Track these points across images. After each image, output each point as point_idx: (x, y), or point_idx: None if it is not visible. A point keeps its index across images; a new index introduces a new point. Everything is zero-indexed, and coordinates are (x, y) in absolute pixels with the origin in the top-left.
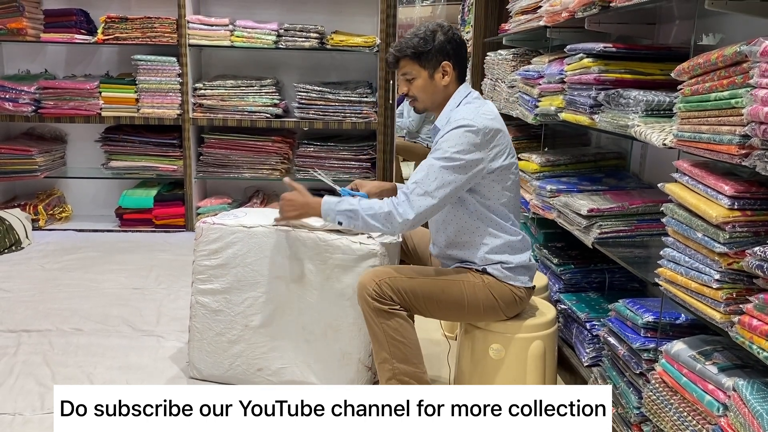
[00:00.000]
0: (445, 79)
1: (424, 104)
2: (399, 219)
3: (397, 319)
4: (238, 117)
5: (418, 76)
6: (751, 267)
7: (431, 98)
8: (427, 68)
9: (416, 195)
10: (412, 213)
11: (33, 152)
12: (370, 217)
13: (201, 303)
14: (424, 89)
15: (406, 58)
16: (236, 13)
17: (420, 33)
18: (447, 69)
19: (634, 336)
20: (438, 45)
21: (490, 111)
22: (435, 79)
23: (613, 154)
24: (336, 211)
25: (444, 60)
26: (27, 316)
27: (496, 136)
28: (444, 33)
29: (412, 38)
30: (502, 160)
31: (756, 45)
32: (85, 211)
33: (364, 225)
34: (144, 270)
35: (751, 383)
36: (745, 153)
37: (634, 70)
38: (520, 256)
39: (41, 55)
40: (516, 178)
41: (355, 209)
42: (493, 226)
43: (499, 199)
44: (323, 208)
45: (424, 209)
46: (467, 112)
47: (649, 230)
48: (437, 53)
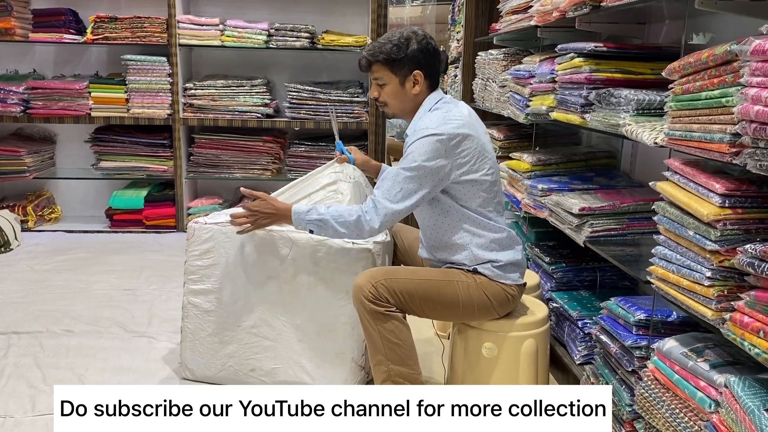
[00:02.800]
0: (416, 88)
1: (393, 110)
2: (366, 227)
3: (394, 321)
4: (229, 117)
5: (389, 82)
6: (742, 264)
7: (401, 105)
8: (398, 75)
9: (382, 204)
10: (378, 222)
11: (22, 153)
12: (340, 225)
13: (193, 303)
14: (394, 96)
15: (378, 63)
16: (226, 13)
17: (394, 39)
18: (418, 78)
19: (626, 334)
20: (411, 53)
21: (457, 116)
22: (405, 87)
23: (604, 153)
24: (306, 220)
25: (416, 69)
26: (17, 318)
27: (463, 143)
28: (418, 42)
29: (386, 43)
30: (471, 165)
31: (746, 44)
32: (75, 212)
33: (333, 233)
34: (135, 271)
35: (742, 380)
36: (736, 151)
37: (624, 70)
38: (509, 252)
39: (30, 55)
40: (493, 179)
41: (324, 218)
42: (474, 225)
43: (475, 200)
44: (294, 217)
45: (390, 217)
46: (431, 121)
47: (640, 228)
48: (409, 61)
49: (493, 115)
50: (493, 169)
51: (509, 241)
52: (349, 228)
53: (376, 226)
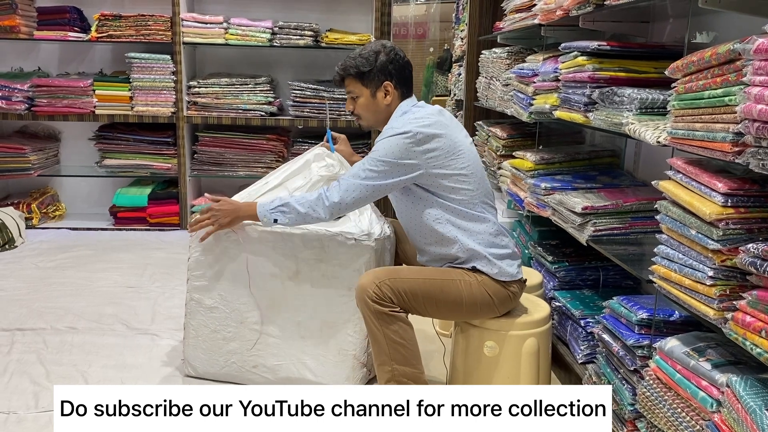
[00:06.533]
0: (387, 98)
1: (368, 122)
2: (326, 202)
3: (398, 321)
4: (233, 115)
5: (360, 94)
6: (745, 264)
7: (374, 116)
8: (369, 87)
9: (345, 180)
10: (338, 195)
11: (26, 150)
12: (300, 205)
13: (196, 300)
14: (366, 107)
15: (349, 77)
16: (230, 11)
17: (364, 53)
18: (389, 89)
19: (629, 333)
20: (380, 65)
21: (424, 116)
22: (377, 98)
23: (607, 152)
24: (269, 209)
25: (386, 80)
26: (21, 315)
27: (429, 141)
28: (386, 54)
29: (357, 58)
30: (444, 160)
31: (749, 43)
32: (79, 209)
33: (296, 216)
34: (138, 268)
35: (744, 379)
36: (739, 150)
37: (628, 68)
38: (500, 243)
39: (34, 53)
40: (468, 171)
41: (286, 201)
42: (458, 217)
43: (455, 193)
44: (259, 211)
45: (353, 192)
46: (397, 122)
47: (643, 228)
48: (378, 73)
49: (497, 114)
50: (468, 163)
51: (498, 232)
52: (310, 206)
53: (336, 200)
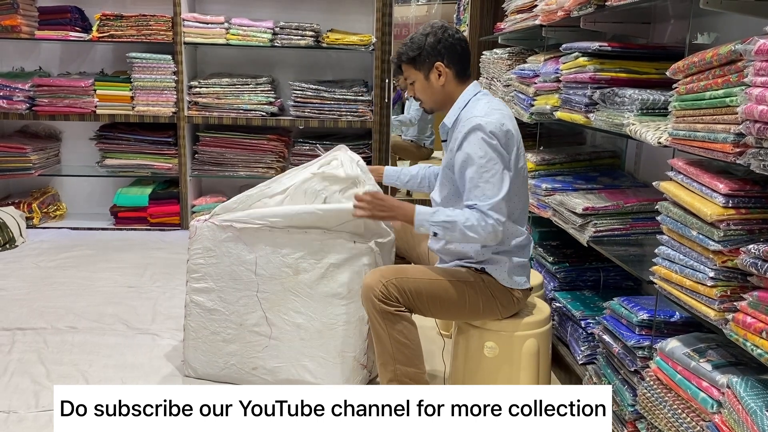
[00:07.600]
0: (441, 79)
1: (428, 105)
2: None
3: (403, 321)
4: (234, 115)
5: (416, 79)
6: (746, 265)
7: (432, 98)
8: (421, 70)
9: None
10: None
11: (27, 150)
12: (468, 228)
13: (195, 302)
14: (423, 91)
15: (404, 63)
16: (232, 11)
17: (414, 37)
18: (441, 69)
19: (629, 334)
20: (429, 47)
21: (500, 107)
22: (431, 80)
23: (608, 152)
24: (431, 222)
25: (436, 60)
26: (21, 314)
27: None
28: (434, 35)
29: (407, 43)
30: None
31: (750, 44)
32: (80, 209)
33: (461, 236)
34: (139, 268)
35: (744, 380)
36: (740, 151)
37: (629, 69)
38: (521, 252)
39: (35, 53)
40: (525, 174)
41: (453, 221)
42: None
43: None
44: (417, 218)
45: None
46: (479, 110)
47: (643, 228)
48: (428, 55)
49: None
50: (525, 170)
51: (525, 245)
52: (476, 231)
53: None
